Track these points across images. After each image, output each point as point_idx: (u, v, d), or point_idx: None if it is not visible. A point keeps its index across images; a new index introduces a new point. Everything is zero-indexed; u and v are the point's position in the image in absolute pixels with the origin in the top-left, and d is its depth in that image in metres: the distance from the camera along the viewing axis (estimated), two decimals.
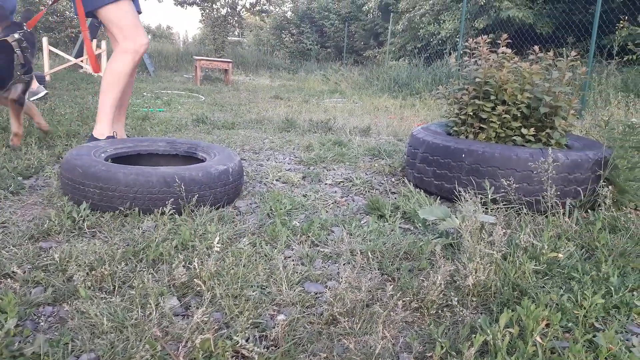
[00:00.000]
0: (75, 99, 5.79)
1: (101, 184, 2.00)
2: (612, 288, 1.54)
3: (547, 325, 1.30)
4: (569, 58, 2.61)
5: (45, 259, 1.63)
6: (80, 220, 1.94)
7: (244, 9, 17.55)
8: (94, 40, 10.05)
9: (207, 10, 16.38)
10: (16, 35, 2.93)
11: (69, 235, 1.86)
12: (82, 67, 9.73)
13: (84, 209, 1.97)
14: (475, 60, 2.78)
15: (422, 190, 2.58)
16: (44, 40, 8.36)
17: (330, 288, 1.56)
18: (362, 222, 2.19)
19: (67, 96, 5.99)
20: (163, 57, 15.50)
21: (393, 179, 3.04)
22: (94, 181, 2.01)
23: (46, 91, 5.66)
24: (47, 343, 1.17)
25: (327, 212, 2.32)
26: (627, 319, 1.44)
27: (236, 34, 22.51)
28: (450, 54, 11.46)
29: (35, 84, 5.39)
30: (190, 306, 1.41)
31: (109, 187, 2.00)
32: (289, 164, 3.32)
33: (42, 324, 1.28)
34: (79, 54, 10.34)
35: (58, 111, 4.55)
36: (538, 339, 1.22)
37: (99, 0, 2.84)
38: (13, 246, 1.71)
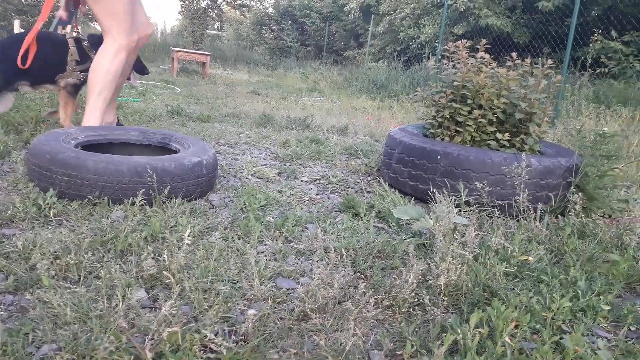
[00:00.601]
0: None
1: (70, 171, 1.94)
2: (580, 292, 1.56)
3: (516, 327, 1.31)
4: (544, 66, 2.65)
5: (7, 246, 1.57)
6: (46, 207, 1.88)
7: (224, 3, 17.39)
8: (68, 27, 9.80)
9: (187, 2, 16.16)
10: (73, 33, 3.10)
11: (34, 223, 1.79)
12: None
13: (51, 197, 1.91)
14: (454, 64, 2.80)
15: (397, 191, 2.59)
16: (16, 23, 8.10)
17: (302, 284, 1.54)
18: (336, 219, 2.18)
19: None
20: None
21: (369, 178, 3.04)
22: (62, 168, 1.94)
23: None
24: (6, 333, 1.13)
25: (301, 208, 2.30)
26: (593, 322, 1.47)
27: (215, 27, 22.28)
28: (429, 58, 11.56)
29: None
30: (158, 299, 1.38)
31: (78, 174, 1.94)
32: (264, 159, 3.29)
33: (1, 312, 1.23)
34: None
35: (27, 96, 4.40)
36: (507, 339, 1.23)
37: None
38: None
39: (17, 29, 7.92)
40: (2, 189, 2.12)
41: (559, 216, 2.38)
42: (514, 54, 2.84)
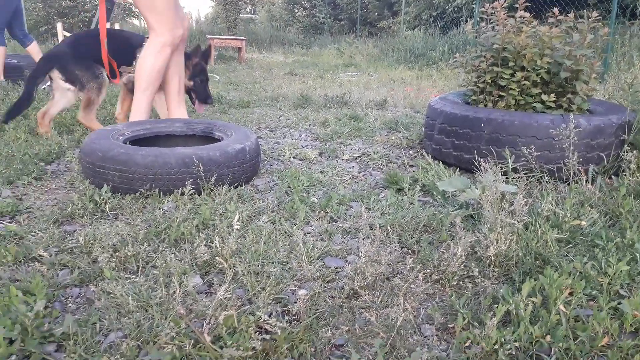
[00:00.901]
0: None
1: (120, 167, 2.02)
2: (637, 255, 1.51)
3: (571, 294, 1.28)
4: (590, 19, 2.52)
5: (70, 242, 1.67)
6: (102, 203, 1.97)
7: None
8: (107, 24, 10.07)
9: None
10: None
11: (92, 218, 1.89)
12: None
13: (105, 192, 2.00)
14: (493, 26, 2.70)
15: (440, 162, 2.55)
16: (58, 25, 8.39)
17: (350, 262, 1.56)
18: (380, 196, 2.18)
19: None
20: None
21: (411, 152, 3.01)
22: (113, 164, 2.03)
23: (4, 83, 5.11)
24: (76, 323, 1.21)
25: (344, 187, 2.32)
26: None
27: (248, 10, 22.29)
28: (466, 21, 11.17)
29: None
30: (213, 284, 1.43)
31: (128, 169, 2.02)
32: (305, 140, 3.31)
33: (70, 305, 1.31)
34: None
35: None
36: (562, 307, 1.21)
37: None
38: (39, 230, 1.75)
39: (59, 31, 8.21)
40: (60, 188, 2.24)
41: (613, 177, 2.28)
42: (555, 10, 2.71)
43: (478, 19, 8.68)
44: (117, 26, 8.85)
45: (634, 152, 2.15)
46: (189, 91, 3.30)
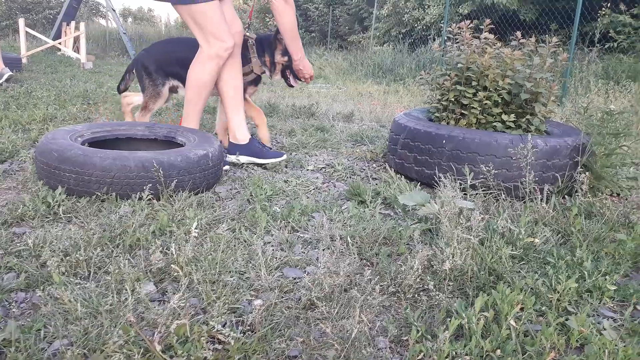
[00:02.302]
0: (53, 82, 5.67)
1: (77, 169, 1.96)
2: (586, 272, 1.56)
3: (522, 309, 1.31)
4: (550, 44, 2.62)
5: (18, 244, 1.60)
6: (56, 205, 1.91)
7: None
8: (72, 22, 9.84)
9: None
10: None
11: (44, 221, 1.82)
12: (59, 50, 9.52)
13: (60, 194, 1.94)
14: (458, 46, 2.78)
15: (403, 176, 2.59)
16: (20, 21, 8.14)
17: (309, 273, 1.56)
18: (342, 207, 2.19)
19: (44, 79, 5.86)
20: (144, 40, 15.20)
21: (375, 165, 3.04)
22: (70, 165, 1.97)
23: (10, 73, 5.26)
24: (19, 329, 1.16)
25: (308, 197, 2.32)
26: (599, 303, 1.47)
27: None
28: (434, 39, 11.44)
29: (0, 66, 5.18)
30: (167, 292, 1.40)
31: (85, 171, 1.96)
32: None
33: (14, 310, 1.26)
34: (57, 36, 10.11)
35: (35, 94, 4.45)
36: (512, 322, 1.24)
37: None
38: None
39: (21, 27, 7.97)
40: (11, 188, 2.15)
41: (566, 197, 2.36)
42: (518, 33, 2.80)
43: (445, 38, 8.90)
44: (82, 25, 8.63)
45: (587, 173, 2.23)
46: (283, 68, 3.08)
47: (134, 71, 3.10)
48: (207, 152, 2.22)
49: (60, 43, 9.17)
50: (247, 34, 2.98)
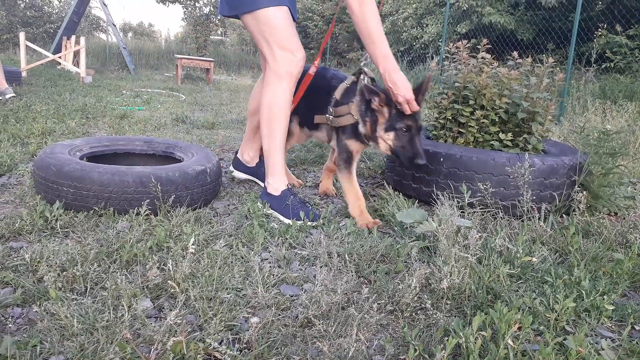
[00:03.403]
0: (52, 95, 5.69)
1: (75, 183, 1.96)
2: (584, 292, 1.56)
3: (519, 329, 1.31)
4: (546, 64, 2.65)
5: (15, 259, 1.60)
6: (53, 219, 1.90)
7: None
8: (72, 37, 9.92)
9: (190, 9, 16.26)
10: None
11: (41, 235, 1.82)
12: (59, 64, 9.58)
13: (57, 209, 1.93)
14: (455, 65, 2.81)
15: (401, 193, 2.59)
16: (21, 35, 8.20)
17: (306, 290, 1.55)
18: (340, 224, 2.19)
19: (44, 93, 5.88)
20: (144, 55, 15.35)
21: (373, 182, 3.05)
22: (67, 180, 1.97)
23: (13, 94, 5.16)
24: (15, 345, 1.14)
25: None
26: (597, 322, 1.47)
27: (219, 33, 22.38)
28: (432, 58, 11.55)
29: (3, 84, 5.19)
30: (163, 308, 1.39)
31: (83, 186, 1.96)
32: None
33: (9, 325, 1.25)
34: (57, 50, 10.18)
35: (34, 108, 4.46)
36: (510, 341, 1.23)
37: (243, 4, 2.17)
38: None
39: (22, 40, 8.02)
40: (9, 202, 2.15)
41: (564, 215, 2.37)
42: (515, 53, 2.84)
43: (443, 57, 8.98)
44: (82, 40, 8.67)
45: (584, 192, 2.25)
46: (392, 149, 2.20)
47: None
48: (205, 167, 2.22)
49: (60, 57, 9.22)
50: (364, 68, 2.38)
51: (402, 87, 2.15)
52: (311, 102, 2.48)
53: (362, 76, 2.36)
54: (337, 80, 2.43)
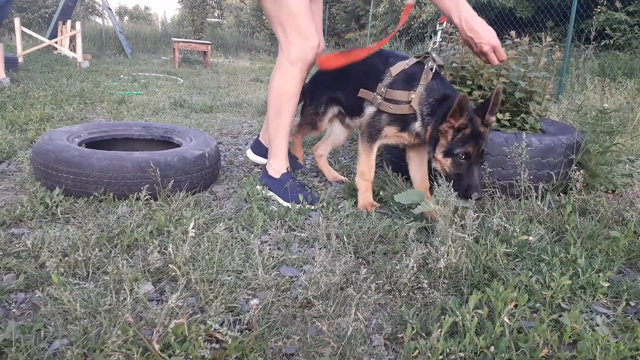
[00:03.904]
0: (49, 81, 5.66)
1: (74, 169, 1.97)
2: (580, 269, 1.58)
3: (515, 306, 1.33)
4: (544, 44, 2.64)
5: (17, 245, 1.61)
6: (54, 206, 1.92)
7: None
8: (68, 21, 9.82)
9: None
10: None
11: (42, 222, 1.83)
12: (56, 49, 9.51)
13: (57, 195, 1.95)
14: (453, 45, 2.79)
15: (399, 174, 2.60)
16: (16, 20, 8.13)
17: (305, 272, 1.57)
18: (339, 206, 2.21)
19: (41, 79, 5.85)
20: (141, 38, 15.20)
21: None
22: (67, 166, 1.98)
23: (9, 84, 5.08)
24: (19, 329, 1.17)
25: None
26: (592, 299, 1.49)
27: (216, 15, 22.15)
28: (430, 37, 11.46)
29: (1, 74, 5.14)
30: (165, 291, 1.41)
31: (83, 172, 1.97)
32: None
33: (13, 310, 1.27)
34: (53, 35, 10.09)
35: (32, 94, 4.45)
36: (506, 319, 1.25)
37: None
38: None
39: (17, 26, 7.94)
40: (9, 189, 2.16)
41: (561, 194, 2.38)
42: (513, 33, 2.82)
43: (441, 38, 8.88)
44: (78, 24, 8.59)
45: (581, 171, 2.25)
46: (447, 174, 1.99)
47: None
48: (204, 152, 2.23)
49: (56, 42, 9.15)
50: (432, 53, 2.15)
51: (485, 34, 1.93)
52: (360, 81, 2.27)
53: (429, 63, 2.10)
54: (396, 59, 2.23)
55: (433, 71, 2.08)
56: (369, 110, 2.23)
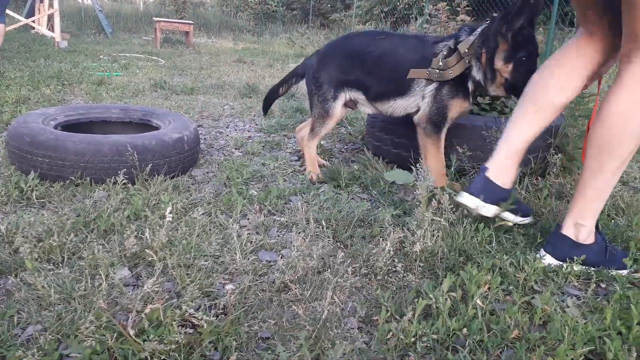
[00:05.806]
0: (26, 62, 5.53)
1: (50, 153, 1.94)
2: None
3: (489, 289, 1.36)
4: None
5: None
6: (29, 190, 1.89)
7: None
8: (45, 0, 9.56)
9: None
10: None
11: (17, 206, 1.81)
12: (33, 28, 9.27)
13: (32, 179, 1.92)
14: (435, 28, 2.78)
15: (380, 158, 2.61)
16: None
17: (283, 256, 1.58)
18: (320, 190, 2.21)
19: (17, 59, 5.71)
20: (121, 17, 14.87)
21: (353, 147, 3.05)
22: (42, 150, 1.95)
23: None
24: None
25: (285, 180, 2.32)
26: (565, 281, 1.52)
27: None
28: (416, 19, 11.40)
29: None
30: (141, 276, 1.41)
31: (59, 155, 1.94)
32: (248, 131, 3.29)
33: None
34: (30, 14, 9.83)
35: (7, 75, 4.35)
36: (479, 301, 1.28)
37: None
38: None
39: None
40: None
41: (539, 178, 2.41)
42: (495, 15, 2.81)
43: (426, 18, 8.85)
44: (55, 2, 8.34)
45: (559, 155, 2.28)
46: (509, 82, 2.00)
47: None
48: (183, 135, 2.21)
49: (33, 21, 8.91)
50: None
51: None
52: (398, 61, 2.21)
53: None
54: (436, 38, 2.22)
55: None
56: (428, 90, 2.14)
